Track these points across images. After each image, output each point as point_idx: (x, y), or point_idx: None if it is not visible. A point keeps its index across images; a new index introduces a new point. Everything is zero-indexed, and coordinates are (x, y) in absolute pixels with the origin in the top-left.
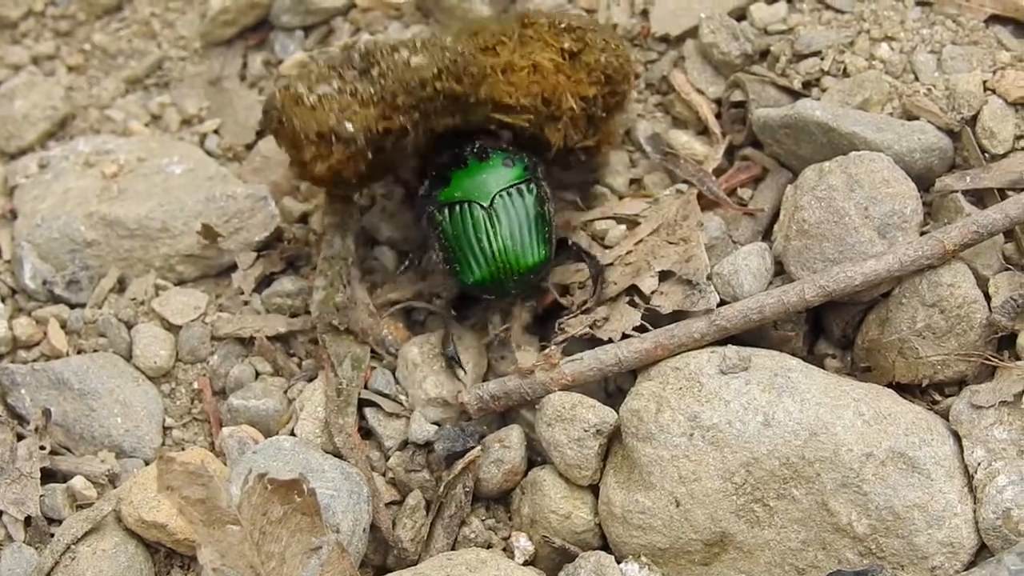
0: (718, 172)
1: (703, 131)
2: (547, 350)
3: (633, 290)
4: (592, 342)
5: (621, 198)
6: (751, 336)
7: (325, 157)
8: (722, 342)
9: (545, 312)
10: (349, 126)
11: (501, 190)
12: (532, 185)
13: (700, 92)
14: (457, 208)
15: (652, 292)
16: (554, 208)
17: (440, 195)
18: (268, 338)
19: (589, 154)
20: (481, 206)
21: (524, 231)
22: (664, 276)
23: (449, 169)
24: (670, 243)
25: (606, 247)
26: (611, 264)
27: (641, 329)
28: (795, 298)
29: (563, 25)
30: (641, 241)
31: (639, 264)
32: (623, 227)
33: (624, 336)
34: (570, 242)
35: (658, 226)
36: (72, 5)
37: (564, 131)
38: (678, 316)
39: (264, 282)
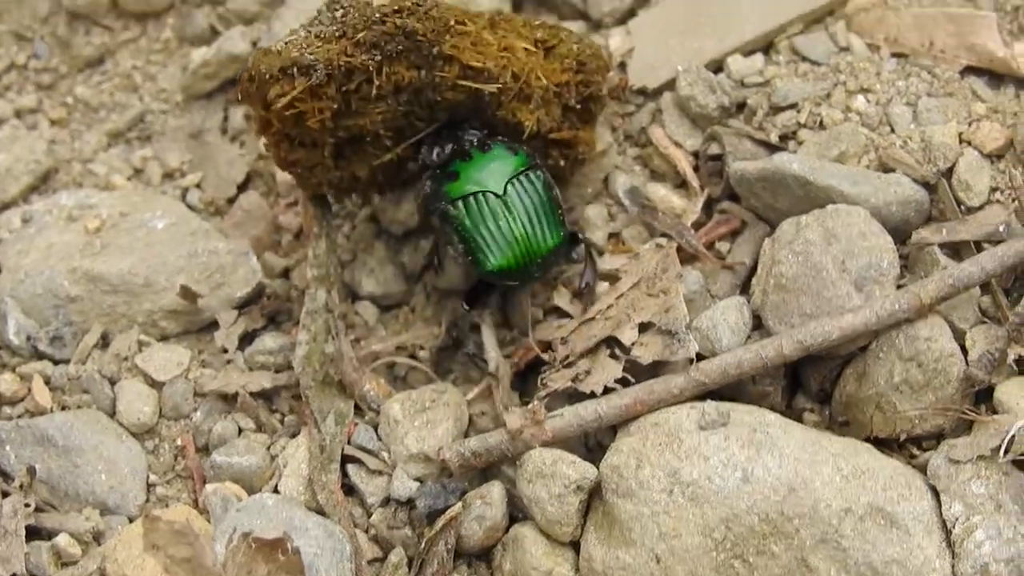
0: (697, 225)
1: (681, 184)
2: (531, 405)
3: (613, 342)
4: (574, 395)
5: (601, 254)
6: (730, 391)
7: (287, 93)
8: (701, 397)
9: (526, 367)
10: (310, 56)
11: (512, 177)
12: (539, 171)
13: (678, 145)
14: (472, 200)
15: (632, 344)
16: (559, 191)
17: (450, 190)
18: (251, 394)
19: (567, 158)
20: (496, 195)
21: (540, 215)
22: (644, 327)
23: (453, 163)
24: (650, 295)
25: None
26: (592, 319)
27: (623, 382)
28: (773, 353)
29: (537, 23)
30: (622, 296)
31: (619, 317)
32: (605, 284)
33: (606, 389)
34: (580, 236)
35: (638, 280)
36: (54, 58)
37: (536, 113)
38: (658, 366)
39: (246, 339)
